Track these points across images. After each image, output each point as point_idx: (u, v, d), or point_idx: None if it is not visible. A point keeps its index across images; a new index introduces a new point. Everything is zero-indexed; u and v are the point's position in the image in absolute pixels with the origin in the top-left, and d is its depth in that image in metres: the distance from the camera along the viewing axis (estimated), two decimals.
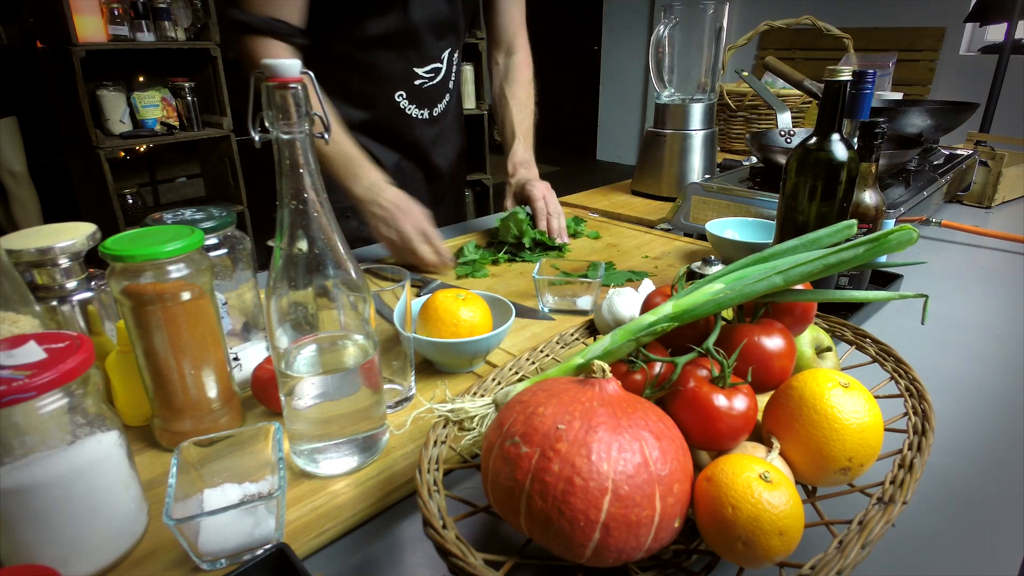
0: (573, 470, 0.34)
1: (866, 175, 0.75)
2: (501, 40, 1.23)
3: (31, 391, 0.37)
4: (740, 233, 1.01)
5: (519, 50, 1.24)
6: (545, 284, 0.81)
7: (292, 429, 0.52)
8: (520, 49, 1.24)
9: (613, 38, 5.76)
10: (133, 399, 0.57)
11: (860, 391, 0.42)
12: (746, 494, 0.35)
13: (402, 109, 1.13)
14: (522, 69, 1.23)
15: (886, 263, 0.52)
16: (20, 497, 0.39)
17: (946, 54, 3.98)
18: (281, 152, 0.45)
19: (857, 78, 0.74)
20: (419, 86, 1.12)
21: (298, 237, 0.46)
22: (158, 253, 0.48)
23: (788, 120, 1.43)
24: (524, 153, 1.17)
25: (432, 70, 1.13)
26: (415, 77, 1.11)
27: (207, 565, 0.43)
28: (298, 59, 0.43)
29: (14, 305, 0.49)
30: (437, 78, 1.15)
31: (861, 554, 0.34)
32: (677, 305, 0.47)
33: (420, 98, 1.14)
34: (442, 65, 1.15)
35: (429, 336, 0.64)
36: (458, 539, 0.36)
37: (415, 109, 1.15)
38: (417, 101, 1.14)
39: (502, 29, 1.23)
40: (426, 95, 1.15)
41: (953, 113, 1.33)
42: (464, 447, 0.47)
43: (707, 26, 1.34)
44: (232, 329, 0.66)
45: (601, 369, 0.40)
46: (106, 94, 2.66)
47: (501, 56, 1.24)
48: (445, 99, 1.20)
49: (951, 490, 0.51)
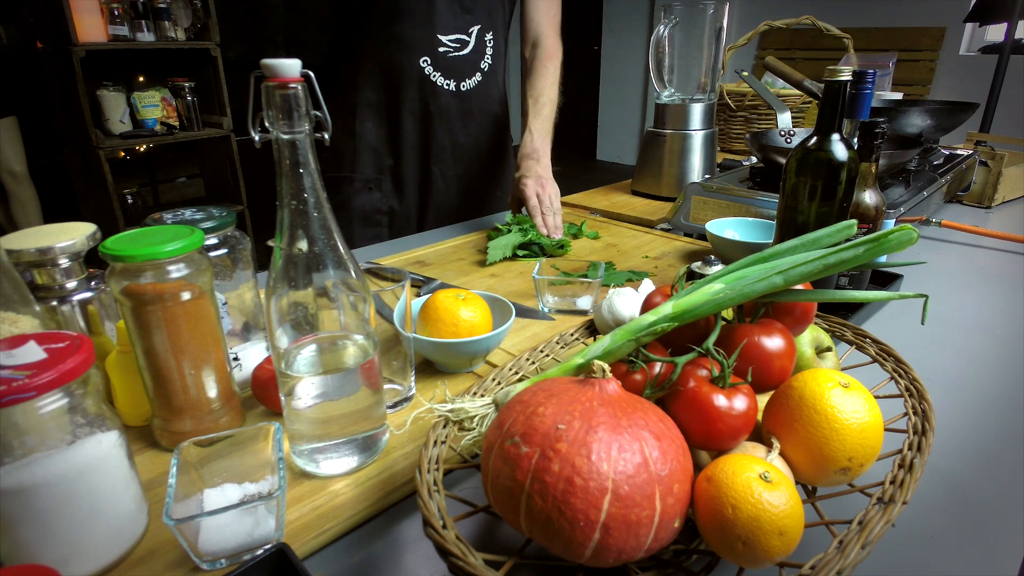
0: (573, 470, 0.34)
1: (866, 175, 0.75)
2: (528, 34, 1.26)
3: (31, 391, 0.37)
4: (740, 233, 1.01)
5: (544, 40, 1.25)
6: (545, 284, 0.81)
7: (292, 429, 0.52)
8: (546, 40, 1.25)
9: (613, 38, 5.76)
10: (133, 399, 0.57)
11: (860, 391, 0.42)
12: (746, 494, 0.35)
13: (427, 75, 1.15)
14: (544, 61, 1.24)
15: (886, 263, 0.52)
16: (20, 497, 0.39)
17: (946, 54, 3.98)
18: (281, 152, 0.45)
19: (857, 78, 0.74)
20: (444, 54, 1.14)
21: (298, 237, 0.46)
22: (158, 253, 0.48)
23: (788, 120, 1.43)
24: (532, 144, 1.17)
25: (457, 40, 1.15)
26: (439, 44, 1.13)
27: (207, 565, 0.43)
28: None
29: (14, 305, 0.49)
30: (464, 50, 1.16)
31: (861, 554, 0.34)
32: (677, 305, 0.47)
33: (446, 67, 1.16)
34: (469, 39, 1.16)
35: (429, 336, 0.64)
36: (458, 539, 0.36)
37: (440, 78, 1.16)
38: (443, 70, 1.16)
39: (530, 22, 1.25)
40: (452, 65, 1.16)
41: (953, 113, 1.33)
42: (464, 447, 0.47)
43: (707, 26, 1.34)
44: (232, 329, 0.66)
45: (601, 369, 0.40)
46: (106, 94, 2.66)
47: (528, 49, 1.26)
48: (476, 77, 1.21)
49: (951, 490, 0.51)
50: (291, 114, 0.43)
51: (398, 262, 1.02)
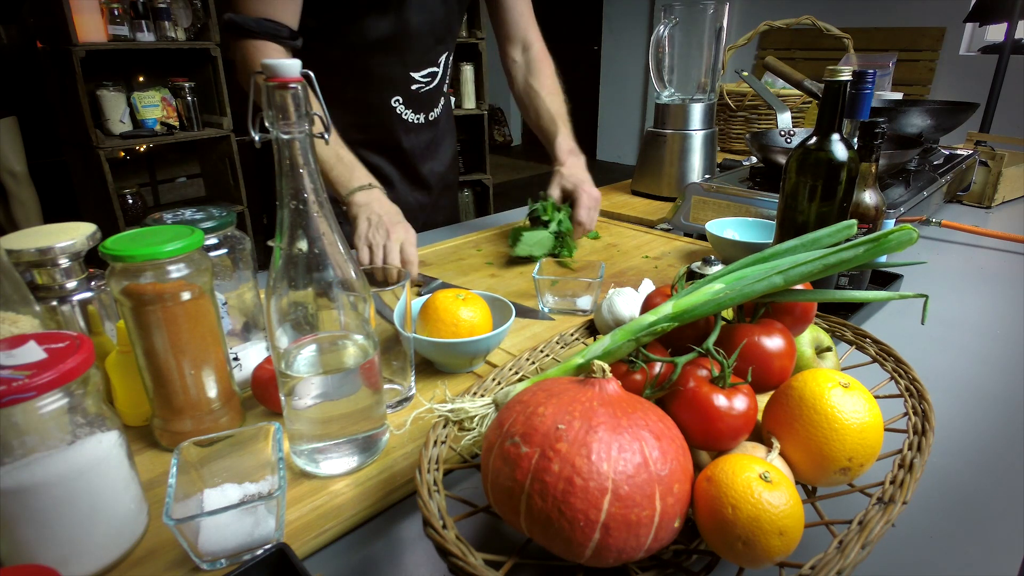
0: (573, 470, 0.34)
1: (866, 175, 0.75)
2: (515, 36, 1.22)
3: (31, 391, 0.37)
4: (740, 233, 1.01)
5: (535, 43, 1.22)
6: (545, 284, 0.81)
7: (292, 429, 0.52)
8: (535, 42, 1.23)
9: (613, 38, 5.76)
10: (133, 399, 0.57)
11: (860, 391, 0.42)
12: (746, 494, 0.35)
13: (399, 115, 1.12)
14: (543, 61, 1.22)
15: (886, 263, 0.52)
16: (20, 497, 0.39)
17: (946, 54, 3.98)
18: (281, 152, 0.45)
19: (857, 78, 0.74)
20: (416, 91, 1.12)
21: (298, 237, 0.46)
22: (158, 253, 0.48)
23: (788, 120, 1.43)
24: (569, 142, 1.14)
25: (429, 74, 1.12)
26: (412, 82, 1.10)
27: (207, 565, 0.43)
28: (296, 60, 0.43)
29: (14, 305, 0.49)
30: (433, 82, 1.14)
31: (861, 554, 0.34)
32: (677, 305, 0.47)
33: (416, 103, 1.13)
34: (438, 69, 1.14)
35: (429, 336, 0.64)
36: (458, 539, 0.36)
37: (411, 114, 1.14)
38: (413, 106, 1.13)
39: (513, 25, 1.21)
40: (422, 100, 1.14)
41: (953, 113, 1.33)
42: (464, 447, 0.47)
43: (707, 26, 1.34)
44: (232, 329, 0.66)
45: (601, 369, 0.40)
46: (106, 94, 2.66)
47: (518, 52, 1.23)
48: (440, 103, 1.20)
49: (951, 490, 0.51)
50: (291, 114, 0.43)
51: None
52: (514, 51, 1.23)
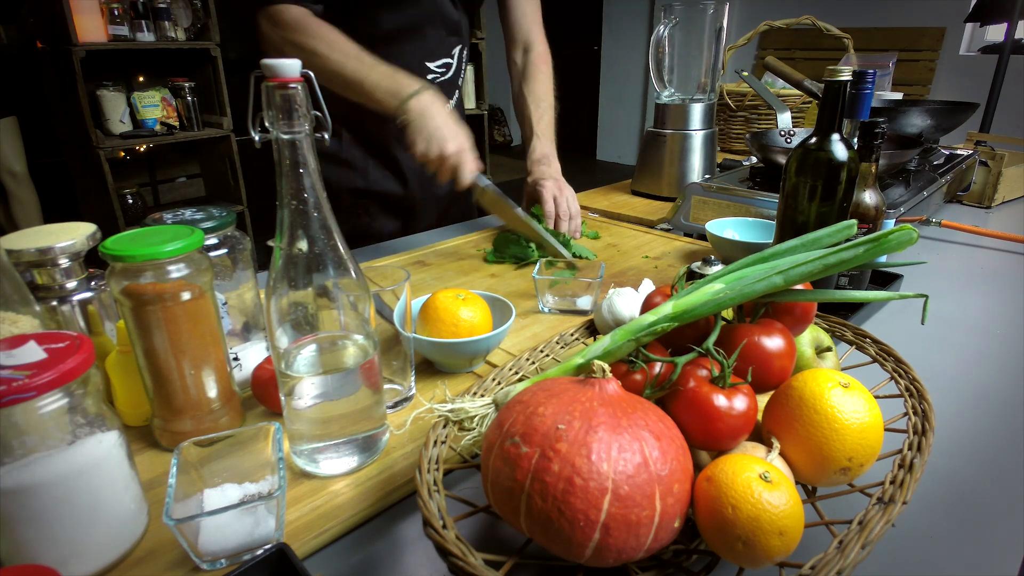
0: (573, 470, 0.34)
1: (866, 175, 0.75)
2: (517, 38, 1.22)
3: (31, 391, 0.37)
4: (740, 233, 1.01)
5: (537, 45, 1.22)
6: (545, 284, 0.81)
7: (292, 429, 0.52)
8: (538, 44, 1.22)
9: (613, 38, 5.76)
10: (133, 399, 0.57)
11: (860, 391, 0.42)
12: (746, 494, 0.35)
13: None
14: (539, 65, 1.21)
15: (886, 263, 0.52)
16: (20, 497, 0.39)
17: (946, 54, 3.98)
18: (281, 152, 0.45)
19: (857, 78, 0.74)
20: (431, 81, 1.12)
21: (298, 237, 0.46)
22: (158, 253, 0.48)
23: (788, 120, 1.43)
24: (541, 149, 1.15)
25: (443, 65, 1.13)
26: (427, 72, 1.11)
27: (207, 565, 0.43)
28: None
29: (14, 305, 0.49)
30: (448, 74, 1.15)
31: (861, 554, 0.34)
32: (677, 305, 0.47)
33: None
34: (452, 61, 1.15)
35: (429, 336, 0.64)
36: (458, 539, 0.36)
37: None
38: None
39: (517, 26, 1.21)
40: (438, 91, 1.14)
41: (953, 113, 1.33)
42: (464, 447, 0.47)
43: (707, 26, 1.34)
44: (232, 329, 0.66)
45: (601, 369, 0.40)
46: (106, 94, 2.67)
47: (519, 54, 1.23)
48: (455, 97, 1.20)
49: (951, 490, 0.51)
50: (291, 114, 0.43)
51: (398, 262, 1.02)
52: (516, 53, 1.23)
